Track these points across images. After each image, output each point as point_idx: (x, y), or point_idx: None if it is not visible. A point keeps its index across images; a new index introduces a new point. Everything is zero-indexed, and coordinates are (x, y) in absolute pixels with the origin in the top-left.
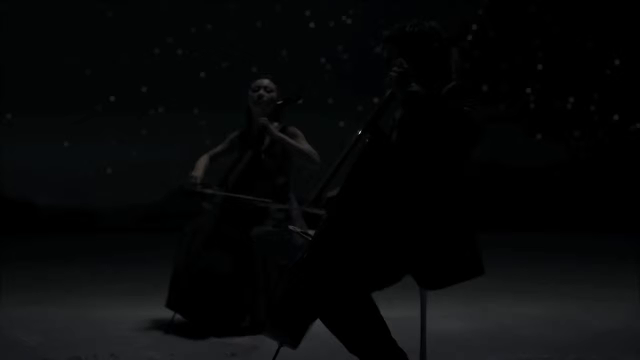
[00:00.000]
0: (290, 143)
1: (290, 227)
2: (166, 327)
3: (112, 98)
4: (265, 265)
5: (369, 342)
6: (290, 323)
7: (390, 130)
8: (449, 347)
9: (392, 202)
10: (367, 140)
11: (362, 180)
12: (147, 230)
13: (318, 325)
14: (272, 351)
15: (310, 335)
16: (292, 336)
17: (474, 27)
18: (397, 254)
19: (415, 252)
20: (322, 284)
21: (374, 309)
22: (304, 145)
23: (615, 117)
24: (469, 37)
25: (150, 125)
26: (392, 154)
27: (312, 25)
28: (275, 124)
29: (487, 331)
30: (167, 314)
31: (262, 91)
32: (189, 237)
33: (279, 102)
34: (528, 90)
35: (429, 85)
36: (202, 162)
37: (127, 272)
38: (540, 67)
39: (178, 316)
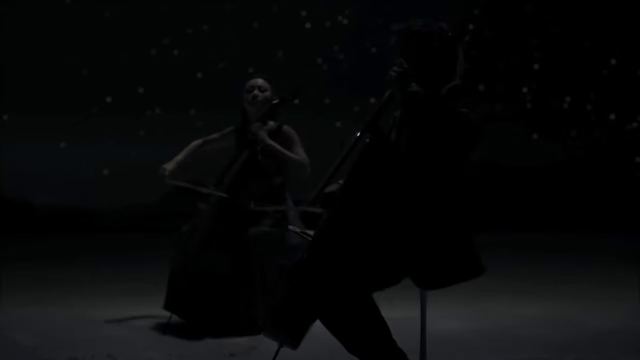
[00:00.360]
0: (281, 151)
1: (291, 227)
2: (164, 327)
3: (108, 99)
4: (263, 264)
5: (370, 343)
6: (291, 323)
7: (389, 130)
8: (449, 347)
9: (392, 202)
10: (367, 140)
11: (362, 180)
12: (145, 230)
13: (318, 326)
14: (270, 351)
15: (310, 336)
16: (292, 337)
17: (471, 26)
18: (397, 255)
19: (414, 252)
20: (323, 285)
21: (375, 309)
22: (298, 153)
23: (612, 116)
24: (466, 37)
25: (148, 126)
26: (391, 154)
27: (308, 25)
28: (271, 123)
29: (486, 331)
30: (166, 314)
31: (256, 91)
32: (186, 237)
33: (275, 102)
34: (525, 89)
35: (430, 85)
36: (184, 152)
37: (125, 272)
38: (536, 66)
39: (175, 316)
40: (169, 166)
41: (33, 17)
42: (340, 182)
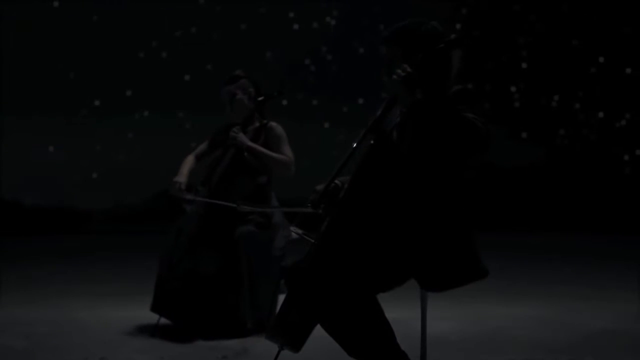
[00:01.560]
0: (263, 152)
1: (292, 228)
2: (153, 330)
3: (97, 102)
4: (251, 265)
5: (373, 346)
6: (293, 326)
7: (390, 130)
8: (444, 348)
9: (396, 204)
10: (372, 142)
11: (367, 181)
12: (133, 231)
13: (317, 328)
14: (262, 354)
15: (310, 337)
16: (294, 339)
17: (458, 26)
18: (402, 255)
19: (420, 255)
20: (327, 286)
21: (380, 311)
22: (283, 151)
23: (601, 114)
24: (453, 36)
25: (136, 129)
26: (396, 156)
27: (296, 27)
28: (257, 123)
29: (481, 332)
30: (155, 316)
31: (228, 101)
32: (173, 238)
33: (260, 99)
34: (513, 88)
35: (433, 87)
36: (187, 165)
37: (114, 273)
38: (524, 65)
39: (164, 319)
40: (182, 179)
41: (21, 21)
42: (337, 182)
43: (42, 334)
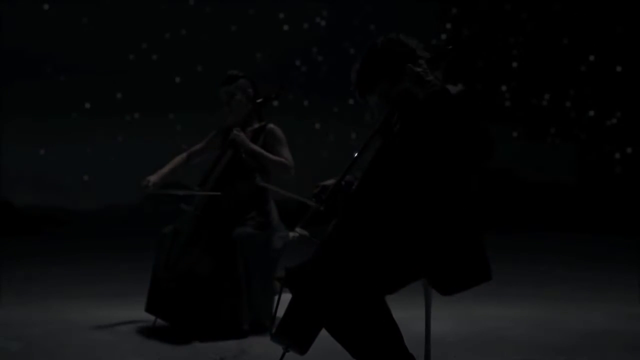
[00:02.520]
0: (263, 154)
1: (298, 229)
2: (149, 331)
3: (87, 105)
4: (247, 267)
5: (380, 348)
6: (300, 327)
7: (396, 131)
8: (441, 349)
9: (405, 207)
10: (379, 144)
11: (375, 184)
12: (127, 232)
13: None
14: (260, 355)
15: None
16: (300, 341)
17: (448, 25)
18: (410, 257)
19: (430, 257)
20: (335, 288)
21: (388, 312)
22: (282, 153)
23: (591, 113)
24: (443, 36)
25: (127, 131)
26: (402, 158)
27: (286, 27)
28: (256, 125)
29: (477, 333)
30: (150, 317)
31: (226, 103)
32: (169, 238)
33: (259, 101)
34: (504, 87)
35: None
36: (170, 165)
37: (109, 275)
38: (515, 64)
39: (160, 320)
40: (153, 178)
41: (11, 23)
42: (343, 182)
43: (37, 335)
